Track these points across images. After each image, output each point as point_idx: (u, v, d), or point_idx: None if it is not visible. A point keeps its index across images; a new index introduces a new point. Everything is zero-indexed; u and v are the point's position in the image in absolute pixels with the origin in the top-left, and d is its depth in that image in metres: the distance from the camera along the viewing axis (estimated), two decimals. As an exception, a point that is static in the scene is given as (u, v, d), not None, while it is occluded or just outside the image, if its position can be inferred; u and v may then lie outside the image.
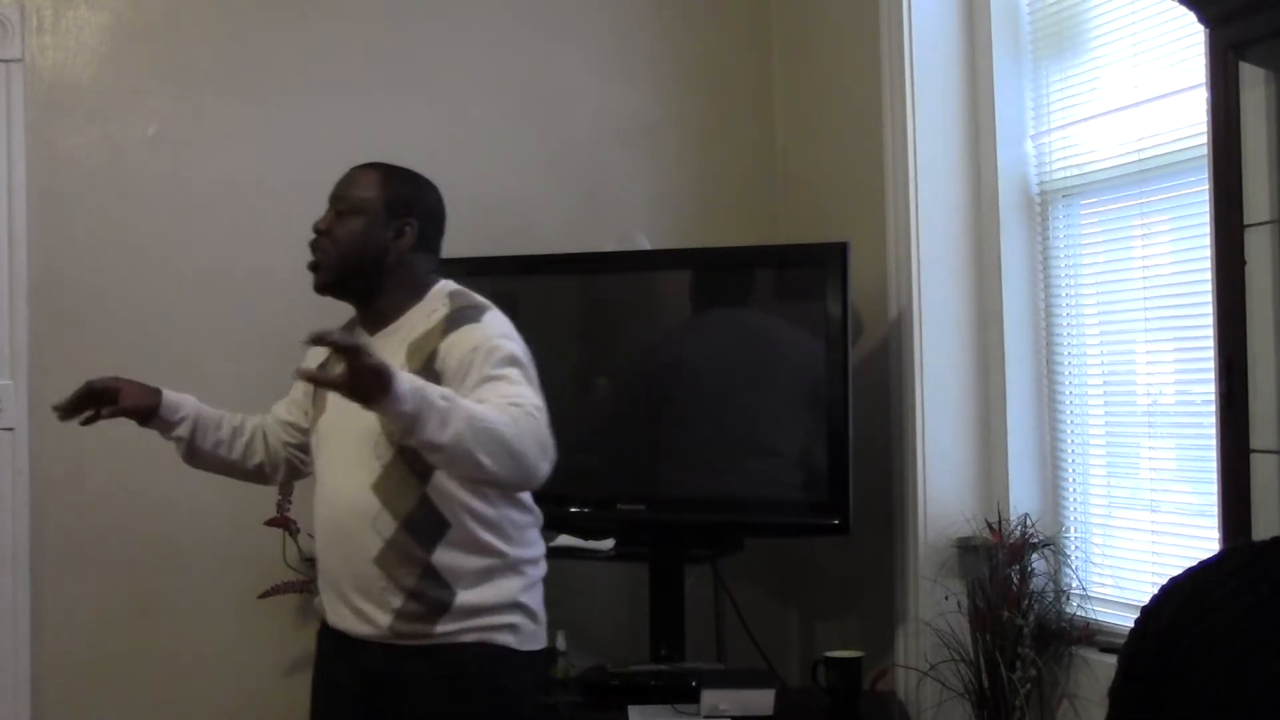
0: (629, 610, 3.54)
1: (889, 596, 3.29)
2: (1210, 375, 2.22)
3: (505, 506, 2.48)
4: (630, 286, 3.57)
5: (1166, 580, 0.85)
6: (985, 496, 3.17)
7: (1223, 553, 0.84)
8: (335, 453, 2.52)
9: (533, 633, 2.54)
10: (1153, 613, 0.83)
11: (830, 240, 3.27)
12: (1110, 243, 2.99)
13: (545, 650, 2.63)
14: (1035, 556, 2.99)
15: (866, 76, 3.37)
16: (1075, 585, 2.97)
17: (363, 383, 2.12)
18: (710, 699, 3.01)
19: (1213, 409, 2.20)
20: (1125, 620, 2.81)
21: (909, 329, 3.21)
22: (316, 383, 2.23)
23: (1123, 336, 2.96)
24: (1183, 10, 2.13)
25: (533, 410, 2.29)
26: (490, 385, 2.32)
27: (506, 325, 2.48)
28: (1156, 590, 0.86)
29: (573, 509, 3.42)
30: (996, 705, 2.92)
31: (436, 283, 2.56)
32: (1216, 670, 0.78)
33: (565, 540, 3.40)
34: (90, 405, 2.52)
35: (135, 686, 3.55)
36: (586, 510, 3.41)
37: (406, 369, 2.38)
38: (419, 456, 2.32)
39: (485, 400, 2.29)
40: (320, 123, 3.62)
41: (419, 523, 2.42)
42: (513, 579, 2.49)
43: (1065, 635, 2.93)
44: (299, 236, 2.63)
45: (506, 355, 2.37)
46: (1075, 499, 3.08)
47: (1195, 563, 0.84)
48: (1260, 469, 1.98)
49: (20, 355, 3.46)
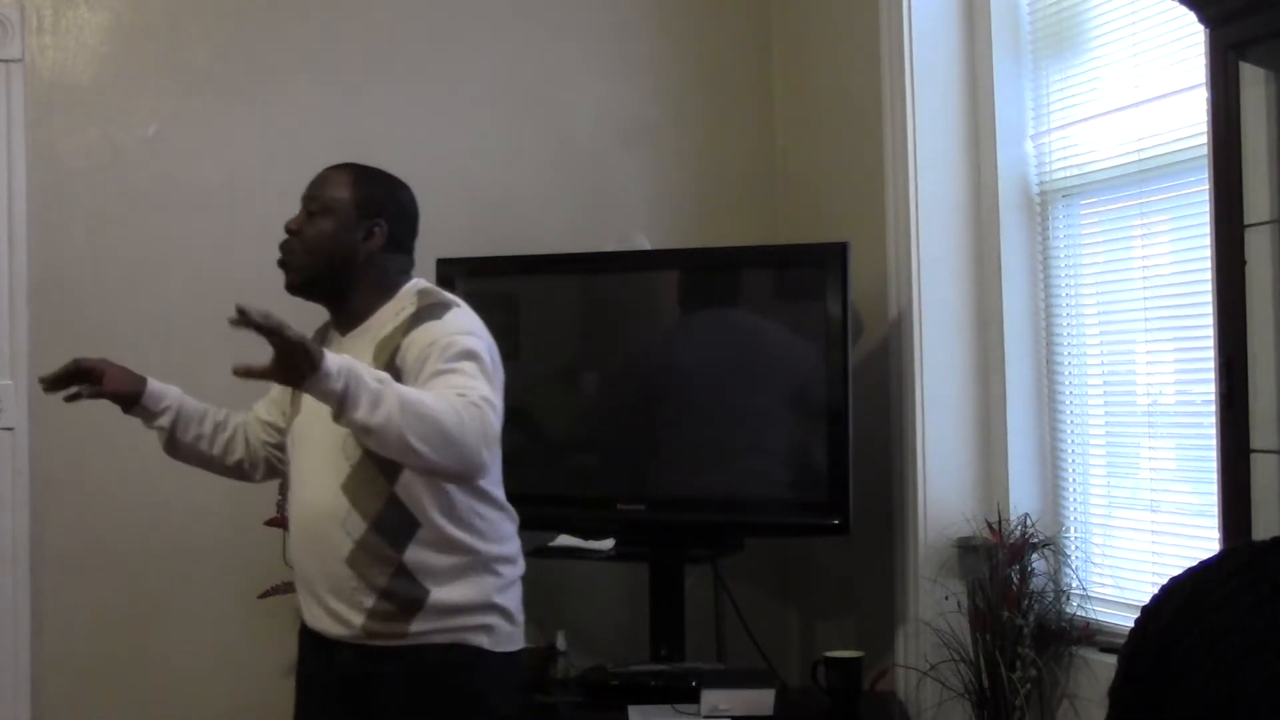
0: (629, 610, 3.54)
1: (889, 596, 3.29)
2: (1210, 375, 2.22)
3: (476, 502, 2.46)
4: (630, 286, 3.57)
5: (1166, 580, 0.85)
6: (985, 496, 3.17)
7: (1223, 553, 0.84)
8: (307, 454, 2.51)
9: (509, 634, 2.52)
10: (1153, 613, 0.83)
11: (830, 240, 3.27)
12: (1110, 243, 2.99)
13: (523, 651, 2.61)
14: (1035, 556, 2.99)
15: (866, 76, 3.37)
16: (1075, 585, 2.97)
17: (288, 360, 2.13)
18: (710, 699, 3.01)
19: (1213, 409, 2.20)
20: (1125, 620, 2.81)
21: (909, 329, 3.21)
22: (250, 374, 2.22)
23: (1123, 336, 2.96)
24: (1183, 10, 2.13)
25: (478, 400, 2.27)
26: (440, 378, 2.32)
27: (470, 322, 2.46)
28: (1156, 590, 0.85)
29: (573, 509, 3.42)
30: (996, 705, 2.92)
31: (407, 282, 2.55)
32: (1217, 670, 0.78)
33: (565, 540, 3.40)
34: (76, 382, 2.50)
35: (135, 686, 3.55)
36: (586, 510, 3.41)
37: (374, 362, 2.38)
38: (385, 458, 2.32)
39: (434, 390, 2.28)
40: (320, 122, 3.62)
41: (388, 522, 2.41)
42: (488, 578, 2.48)
43: (1065, 635, 2.93)
44: (299, 237, 2.62)
45: (461, 350, 2.36)
46: (1075, 499, 3.08)
47: (1195, 563, 0.84)
48: (1260, 469, 1.98)
49: (20, 355, 3.46)
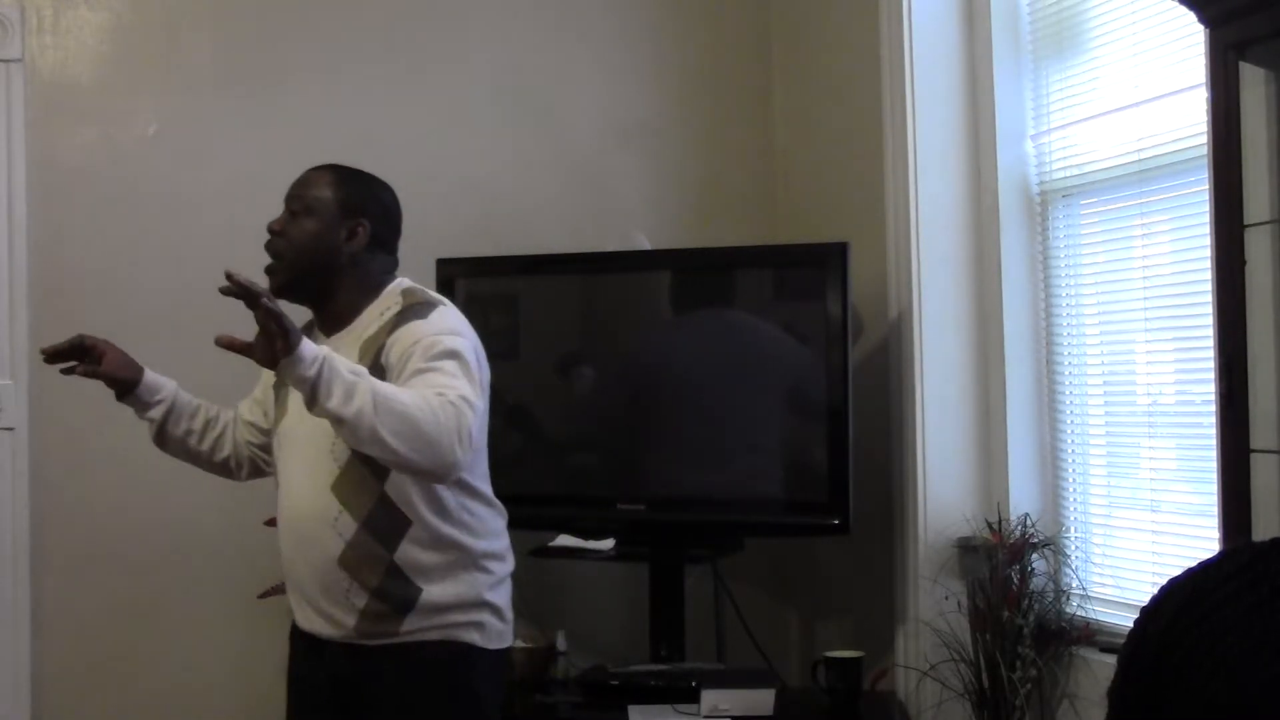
0: (629, 610, 3.54)
1: (889, 596, 3.29)
2: (1210, 375, 2.22)
3: (465, 498, 2.47)
4: (630, 286, 3.57)
5: (1166, 581, 0.85)
6: (985, 496, 3.17)
7: (1222, 553, 0.84)
8: (294, 455, 2.51)
9: (499, 631, 2.53)
10: (1152, 613, 0.83)
11: (830, 240, 3.27)
12: (1110, 243, 2.99)
13: (511, 649, 2.63)
14: (1035, 556, 2.99)
15: (866, 76, 3.37)
16: (1075, 585, 2.97)
17: (268, 333, 2.14)
18: (710, 699, 3.01)
19: (1213, 409, 2.20)
20: (1125, 620, 2.81)
21: (909, 329, 3.21)
22: (231, 346, 2.22)
23: (1123, 336, 2.96)
24: (1183, 10, 2.13)
25: (456, 400, 2.27)
26: (421, 376, 2.32)
27: (455, 322, 2.46)
28: (1156, 591, 0.85)
29: (573, 509, 3.42)
30: (996, 705, 2.92)
31: (391, 282, 2.55)
32: (1217, 670, 0.78)
33: (565, 540, 3.39)
34: (76, 357, 2.50)
35: (135, 686, 3.55)
36: (586, 510, 3.41)
37: (358, 361, 2.38)
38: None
39: (414, 389, 2.28)
40: (320, 122, 3.62)
41: (379, 522, 2.41)
42: (478, 575, 2.49)
43: (1065, 635, 2.93)
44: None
45: (444, 349, 2.36)
46: (1075, 499, 3.08)
47: (1195, 563, 0.84)
48: (1260, 469, 1.98)
49: (20, 355, 3.46)
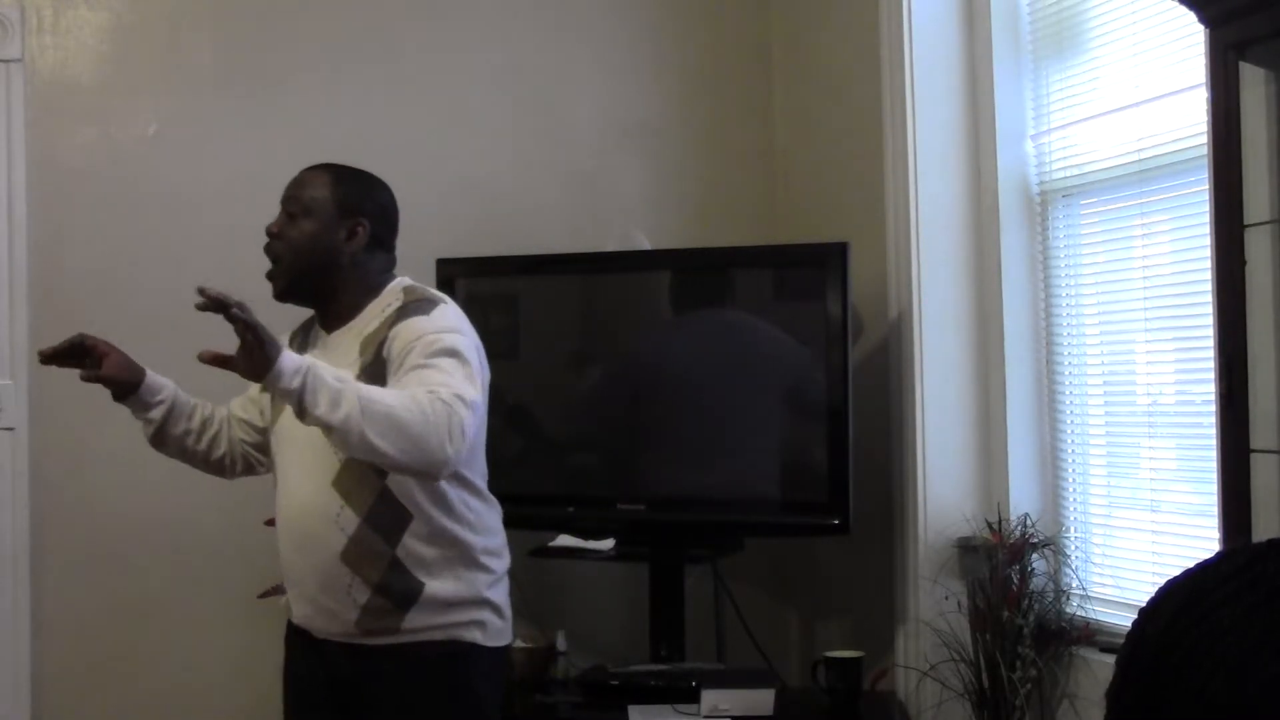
0: (629, 610, 3.54)
1: (889, 596, 3.29)
2: (1210, 375, 2.22)
3: (465, 493, 2.48)
4: (630, 286, 3.57)
5: (1165, 581, 0.85)
6: (985, 496, 3.17)
7: (1221, 554, 0.84)
8: (294, 452, 2.51)
9: (499, 629, 2.54)
10: (1150, 614, 0.83)
11: (830, 240, 3.27)
12: (1110, 243, 2.99)
13: (510, 647, 2.63)
14: (1035, 556, 2.99)
15: (866, 76, 3.37)
16: (1075, 585, 2.97)
17: (245, 340, 2.16)
18: (710, 699, 3.01)
19: (1213, 409, 2.20)
20: (1125, 620, 2.80)
21: (909, 329, 3.21)
22: (215, 361, 2.22)
23: (1123, 336, 2.96)
24: (1183, 10, 2.13)
25: (448, 398, 2.26)
26: (416, 373, 2.33)
27: (455, 319, 2.47)
28: (1155, 591, 0.85)
29: (573, 509, 3.42)
30: (996, 705, 2.92)
31: (392, 280, 2.56)
32: (1216, 671, 0.78)
33: (565, 540, 3.39)
34: (75, 358, 2.47)
35: (135, 686, 3.55)
36: (586, 510, 3.41)
37: (359, 362, 2.41)
38: None
39: (408, 386, 2.29)
40: (320, 122, 3.62)
41: (381, 517, 2.42)
42: (478, 573, 2.49)
43: (1065, 635, 2.93)
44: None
45: (443, 347, 2.36)
46: (1075, 499, 3.08)
47: (1194, 564, 0.84)
48: (1260, 469, 1.98)
49: (20, 355, 3.46)
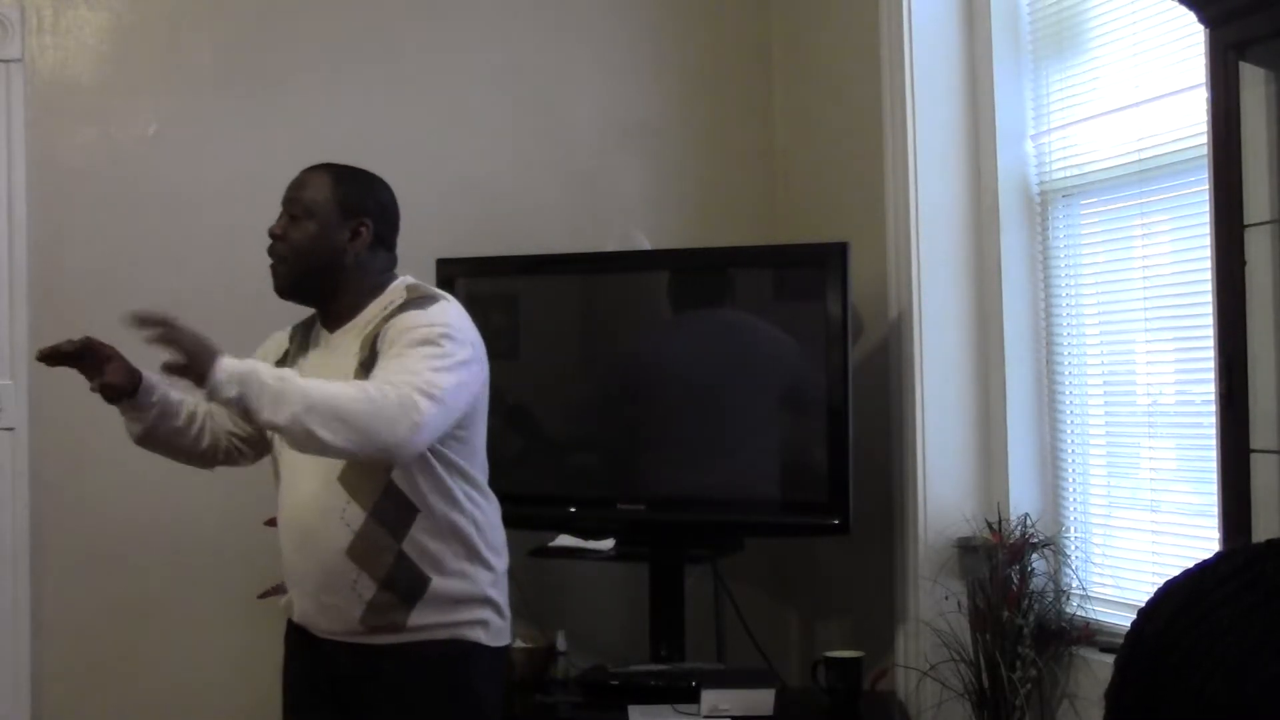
0: (629, 610, 3.54)
1: (889, 596, 3.29)
2: (1210, 375, 2.22)
3: (468, 488, 2.48)
4: (630, 286, 3.57)
5: (1164, 582, 0.85)
6: (985, 496, 3.17)
7: (1220, 555, 0.84)
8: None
9: (500, 628, 2.54)
10: (1149, 614, 0.83)
11: (830, 240, 3.27)
12: (1110, 243, 2.99)
13: (510, 647, 2.64)
14: (1035, 556, 2.99)
15: (866, 76, 3.37)
16: (1075, 585, 2.97)
17: (190, 358, 2.16)
18: (710, 699, 3.01)
19: (1213, 409, 2.20)
20: (1125, 620, 2.80)
21: (909, 329, 3.21)
22: (173, 372, 2.22)
23: (1123, 336, 2.96)
24: (1183, 10, 2.13)
25: (401, 383, 2.26)
26: (389, 362, 2.34)
27: (450, 315, 2.45)
28: (1154, 592, 0.85)
29: (573, 509, 3.42)
30: (996, 705, 2.92)
31: (394, 279, 2.56)
32: (1215, 671, 0.77)
33: (565, 540, 3.39)
34: (76, 362, 2.42)
35: (135, 686, 3.55)
36: (586, 510, 3.41)
37: (359, 358, 2.41)
38: None
39: (377, 375, 2.31)
40: (320, 122, 3.62)
41: (387, 511, 2.42)
42: (482, 569, 2.49)
43: (1065, 635, 2.92)
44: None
45: (423, 337, 2.36)
46: (1075, 499, 3.08)
47: (1193, 564, 0.84)
48: (1260, 469, 1.98)
49: (20, 355, 3.46)
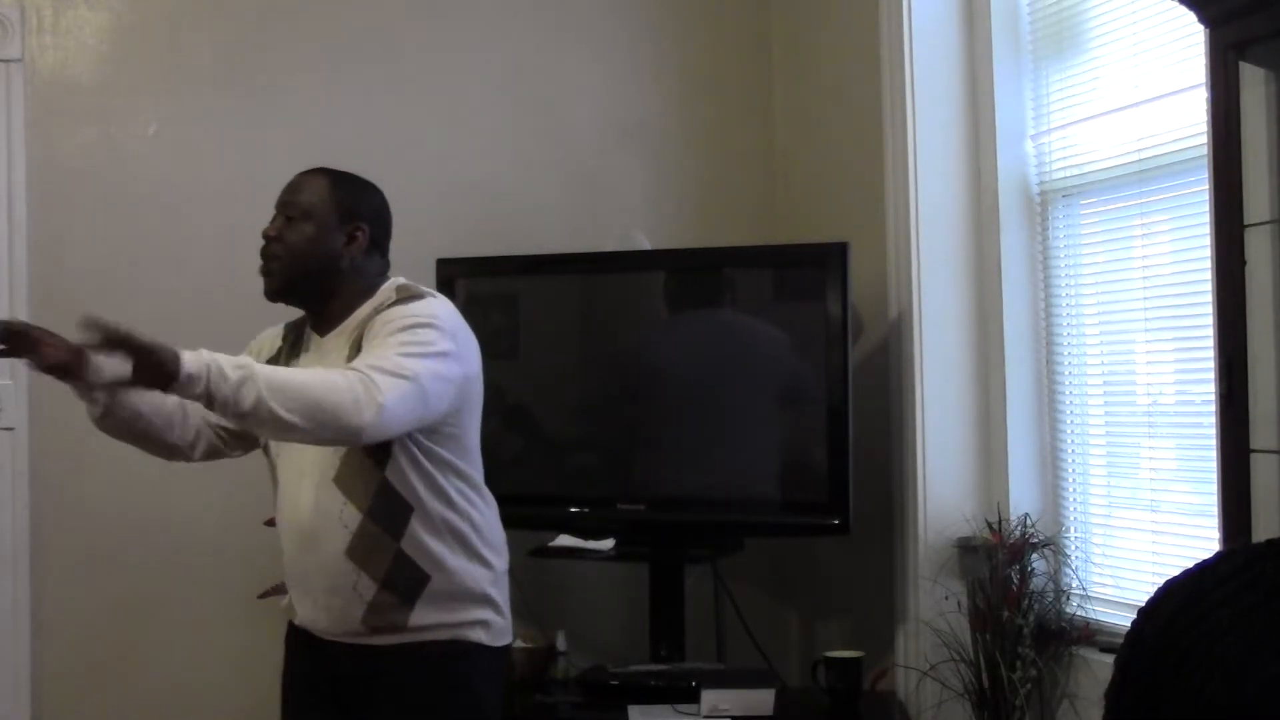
0: (629, 610, 3.54)
1: (889, 596, 3.29)
2: (1210, 375, 2.22)
3: (463, 485, 2.48)
4: (630, 286, 3.57)
5: (1164, 581, 0.85)
6: (985, 496, 3.17)
7: (1219, 555, 0.84)
8: (294, 453, 2.51)
9: (501, 628, 2.54)
10: (1149, 614, 0.83)
11: (830, 240, 3.27)
12: (1110, 243, 2.99)
13: (510, 646, 2.63)
14: (1035, 556, 2.99)
15: (866, 77, 3.37)
16: (1075, 585, 2.97)
17: (147, 366, 2.11)
18: (710, 699, 3.01)
19: (1213, 409, 2.20)
20: (1125, 620, 2.80)
21: (909, 329, 3.21)
22: (45, 371, 2.21)
23: (1123, 336, 2.96)
24: (1183, 10, 2.13)
25: (364, 367, 2.26)
26: (371, 349, 2.35)
27: (437, 310, 2.46)
28: (1154, 592, 0.85)
29: (573, 509, 3.42)
30: (996, 705, 2.92)
31: (385, 282, 2.57)
32: (1215, 671, 0.77)
33: (565, 540, 3.39)
34: (8, 345, 2.27)
35: (135, 686, 3.55)
36: (586, 510, 3.41)
37: (347, 359, 2.41)
38: (375, 444, 2.35)
39: (360, 358, 2.31)
40: (319, 122, 3.63)
41: (383, 510, 2.42)
42: (481, 568, 2.49)
43: (1065, 635, 2.92)
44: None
45: (401, 326, 2.37)
46: (1075, 499, 3.08)
47: (1193, 564, 0.84)
48: (1260, 469, 1.98)
49: (20, 355, 3.46)
